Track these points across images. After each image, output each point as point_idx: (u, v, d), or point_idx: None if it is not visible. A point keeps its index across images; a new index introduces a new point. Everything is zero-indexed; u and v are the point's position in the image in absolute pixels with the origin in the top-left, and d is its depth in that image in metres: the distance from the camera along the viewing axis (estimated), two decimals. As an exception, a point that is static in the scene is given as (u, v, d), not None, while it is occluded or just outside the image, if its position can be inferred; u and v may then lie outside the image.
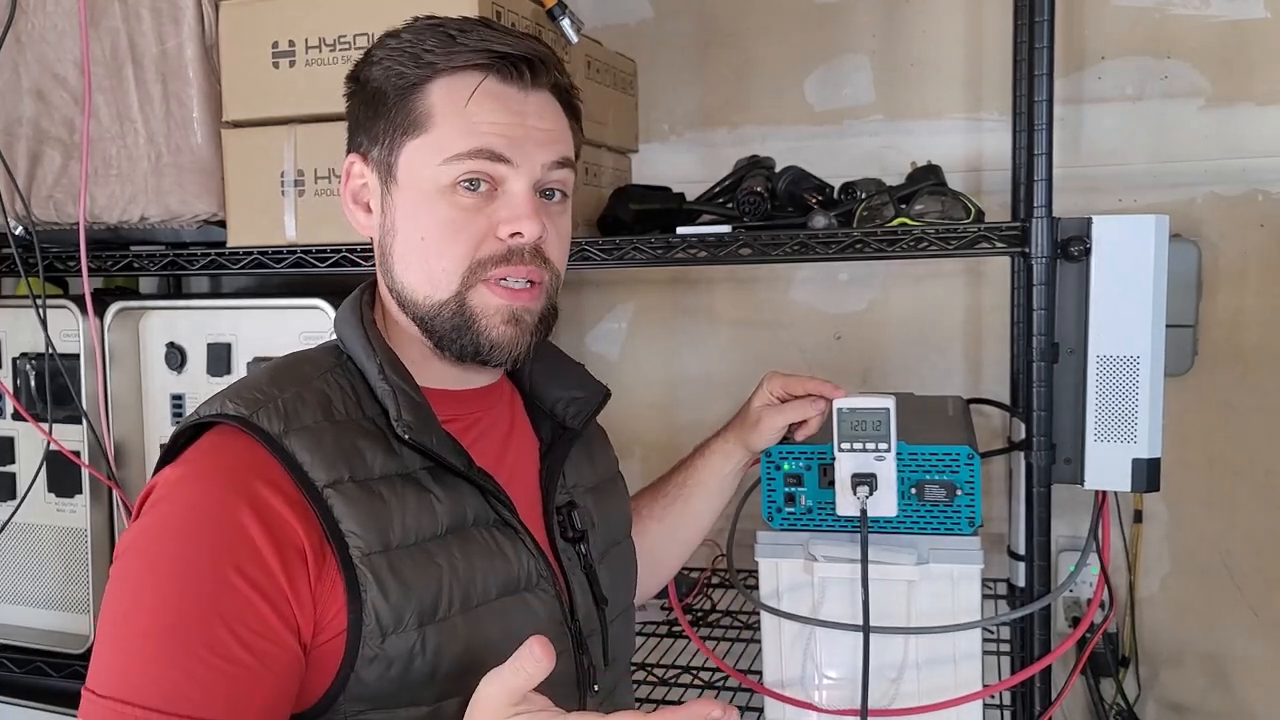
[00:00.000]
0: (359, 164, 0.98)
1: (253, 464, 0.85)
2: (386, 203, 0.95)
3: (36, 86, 1.47)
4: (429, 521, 0.90)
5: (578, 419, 1.07)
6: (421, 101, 0.92)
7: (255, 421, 0.86)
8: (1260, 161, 1.74)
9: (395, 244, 0.95)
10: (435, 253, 0.93)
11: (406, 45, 0.93)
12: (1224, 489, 1.79)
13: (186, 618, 0.80)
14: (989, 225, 1.27)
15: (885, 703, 1.21)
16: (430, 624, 0.87)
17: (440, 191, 0.92)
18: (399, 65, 0.93)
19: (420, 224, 0.93)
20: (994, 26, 1.82)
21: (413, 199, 0.93)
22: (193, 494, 0.85)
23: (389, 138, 0.94)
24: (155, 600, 0.81)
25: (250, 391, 0.90)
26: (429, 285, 0.93)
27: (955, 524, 1.21)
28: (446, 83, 0.92)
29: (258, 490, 0.83)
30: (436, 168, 0.92)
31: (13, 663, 1.57)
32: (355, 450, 0.88)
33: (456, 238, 0.92)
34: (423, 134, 0.92)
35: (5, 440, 1.61)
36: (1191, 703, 1.84)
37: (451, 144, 0.91)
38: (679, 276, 2.01)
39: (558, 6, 1.45)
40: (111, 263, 1.51)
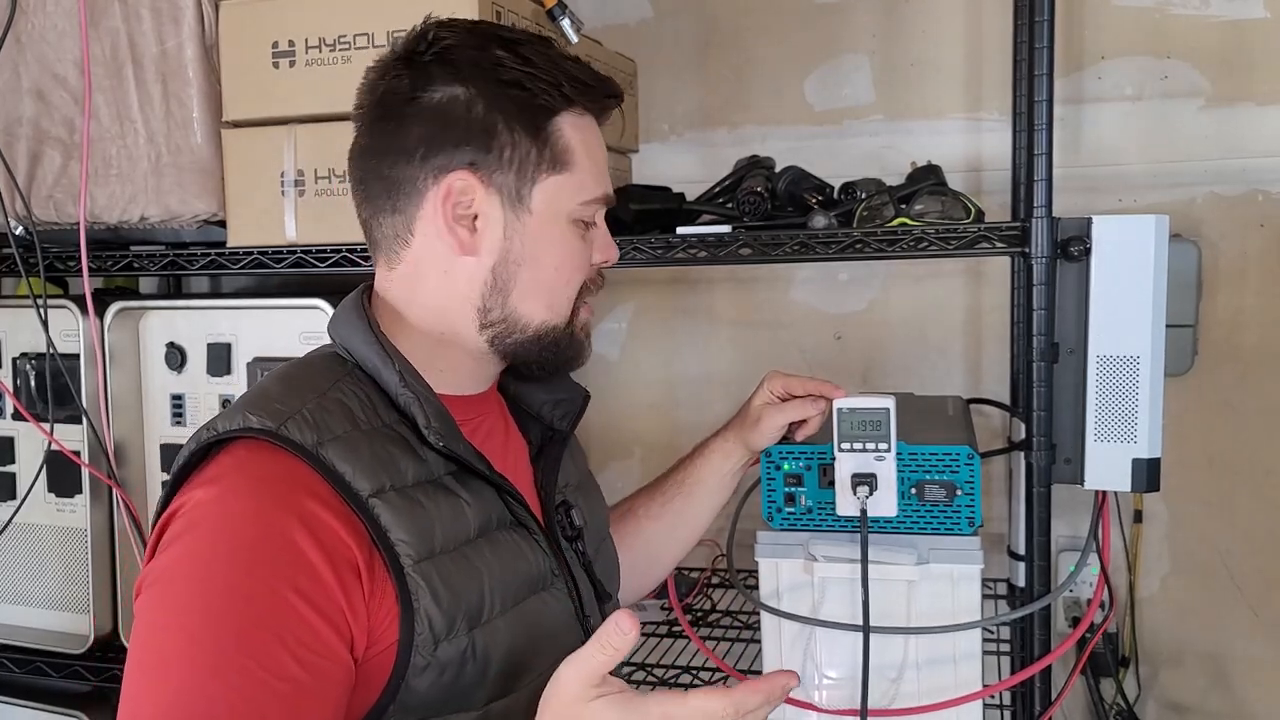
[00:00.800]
0: (469, 180, 0.93)
1: (293, 477, 0.82)
2: (513, 229, 0.94)
3: (36, 86, 1.47)
4: (463, 525, 0.90)
5: (565, 421, 1.09)
6: (558, 136, 0.94)
7: (285, 434, 0.84)
8: (1260, 161, 1.74)
9: (523, 272, 0.95)
10: (564, 282, 0.97)
11: (542, 71, 0.93)
12: (1224, 489, 1.79)
13: (244, 642, 0.76)
14: (989, 225, 1.27)
15: (885, 703, 1.21)
16: (478, 627, 0.87)
17: (573, 226, 0.97)
18: (540, 90, 0.92)
19: (554, 255, 0.96)
20: (994, 26, 1.81)
21: (549, 230, 0.95)
22: (234, 512, 0.81)
23: (519, 165, 0.93)
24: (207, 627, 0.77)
25: (268, 403, 0.86)
26: (550, 311, 0.97)
27: (955, 524, 1.21)
28: (575, 120, 0.96)
29: (305, 504, 0.81)
30: (576, 205, 0.96)
31: (13, 663, 1.57)
32: (390, 458, 0.87)
33: (580, 269, 0.98)
34: (565, 172, 0.95)
35: (5, 440, 1.61)
36: (1191, 703, 1.84)
37: (592, 188, 0.97)
38: (679, 276, 2.01)
39: (558, 6, 1.45)
40: (111, 263, 1.51)
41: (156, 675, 0.77)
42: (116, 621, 1.53)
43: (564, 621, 0.97)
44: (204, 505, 0.82)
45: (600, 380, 2.03)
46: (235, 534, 0.80)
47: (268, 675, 0.76)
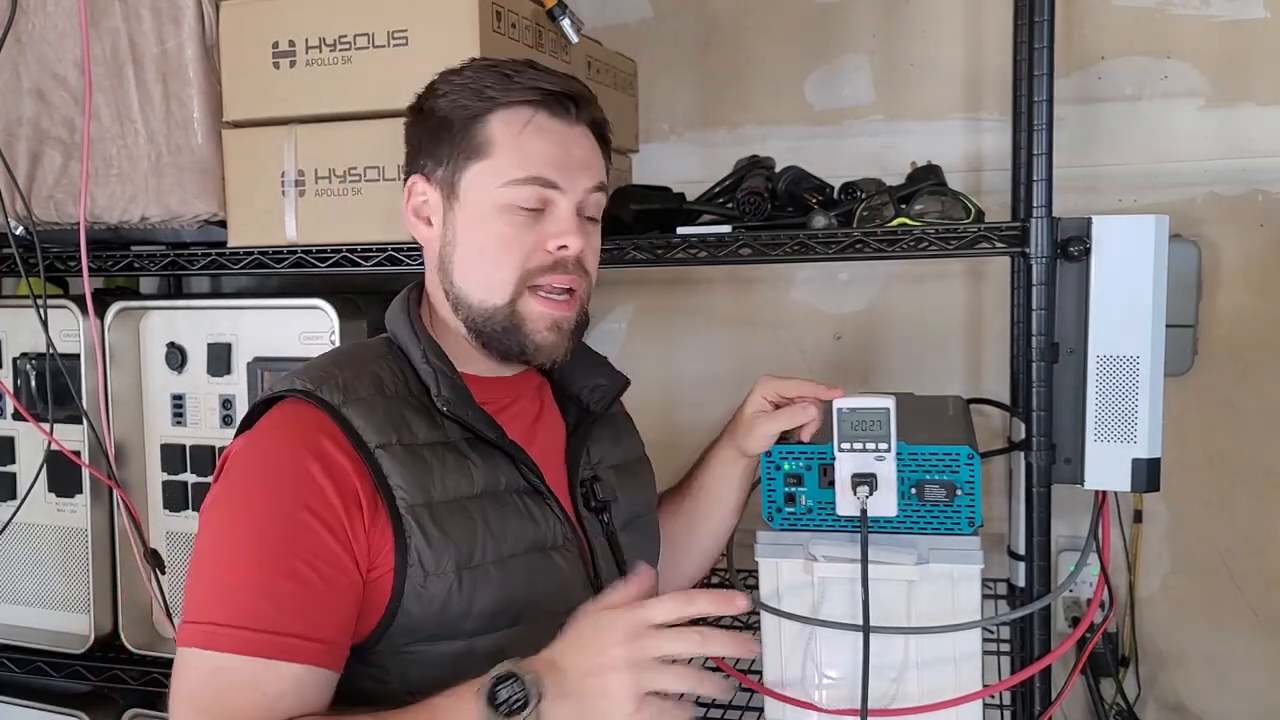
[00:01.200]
0: (421, 183, 1.11)
1: (317, 425, 1.00)
2: (448, 217, 1.09)
3: (37, 86, 1.48)
4: (466, 483, 1.03)
5: (601, 403, 1.20)
6: (482, 131, 1.06)
7: (319, 394, 1.01)
8: (1260, 161, 1.74)
9: (456, 254, 1.09)
10: (492, 262, 1.07)
11: (469, 81, 1.08)
12: (1224, 489, 1.79)
13: (266, 551, 0.95)
14: (989, 225, 1.27)
15: (885, 703, 1.21)
16: (466, 569, 1.00)
17: (498, 210, 1.06)
18: (463, 98, 1.07)
19: (480, 237, 1.07)
20: (994, 26, 1.82)
21: (473, 215, 1.07)
22: (266, 450, 1.01)
23: (452, 161, 1.07)
24: (238, 540, 0.97)
25: (315, 371, 1.05)
26: (485, 291, 1.08)
27: (955, 524, 1.21)
28: (504, 115, 1.06)
29: (321, 443, 0.98)
30: (496, 189, 1.06)
31: (13, 663, 1.57)
32: (402, 420, 1.03)
33: (511, 249, 1.07)
34: (484, 159, 1.06)
35: (5, 440, 1.61)
36: (1191, 703, 1.84)
37: (509, 170, 1.06)
38: (679, 276, 2.01)
39: (558, 6, 1.45)
40: (112, 263, 1.51)
41: (202, 580, 0.97)
42: (116, 621, 1.53)
43: (574, 580, 1.08)
44: (246, 447, 1.03)
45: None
46: (263, 467, 1.00)
47: (286, 579, 0.94)
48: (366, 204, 1.37)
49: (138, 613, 1.55)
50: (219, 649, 0.92)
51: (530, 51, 1.41)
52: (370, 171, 1.36)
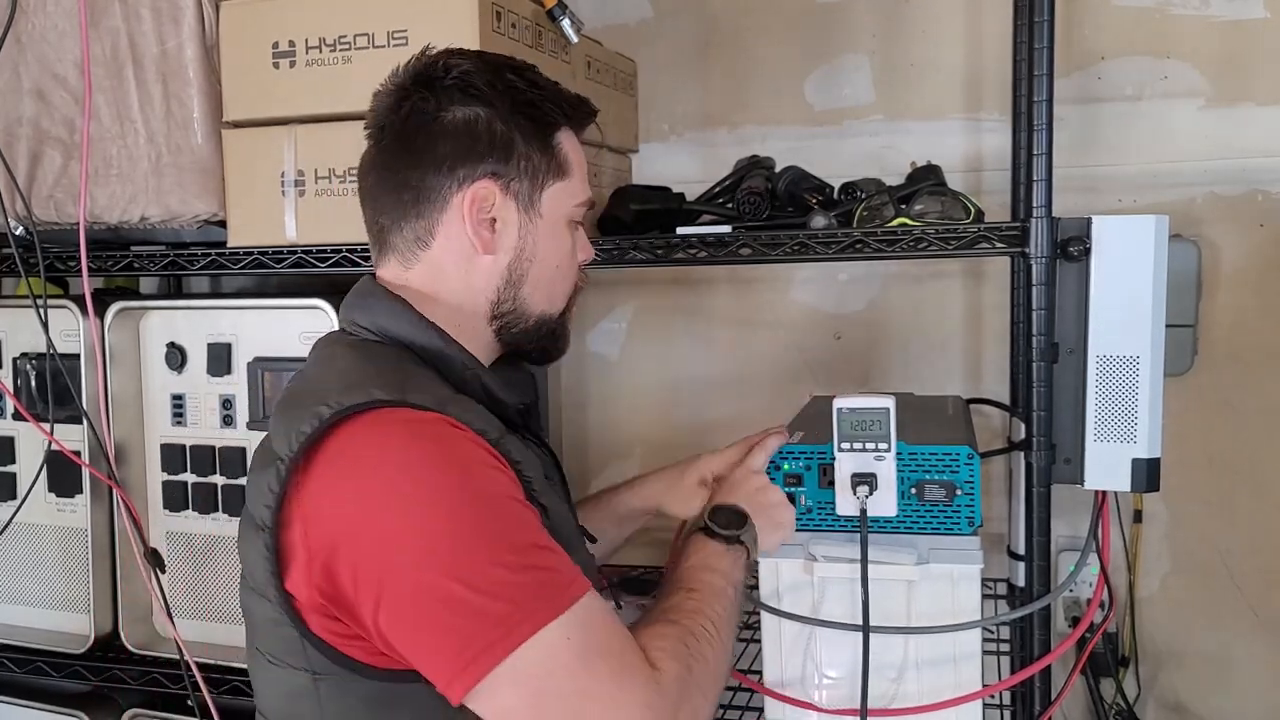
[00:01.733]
0: (490, 187, 1.05)
1: (436, 421, 0.93)
2: (526, 230, 1.08)
3: (37, 86, 1.47)
4: (538, 469, 1.03)
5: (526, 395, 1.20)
6: (559, 148, 1.09)
7: (412, 401, 0.93)
8: (1260, 161, 1.74)
9: (534, 267, 1.09)
10: (562, 277, 1.12)
11: (548, 93, 1.08)
12: (1224, 489, 1.79)
13: (486, 539, 0.89)
14: (989, 225, 1.27)
15: (885, 703, 1.21)
16: (571, 551, 0.97)
17: (569, 229, 1.11)
18: (547, 108, 1.07)
19: (556, 254, 1.10)
20: (994, 27, 1.81)
21: (552, 232, 1.09)
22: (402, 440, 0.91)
23: (531, 174, 1.06)
24: (451, 546, 0.88)
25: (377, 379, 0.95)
26: (548, 303, 1.11)
27: (955, 524, 1.21)
28: (567, 134, 1.10)
29: (450, 431, 0.93)
30: (572, 209, 1.11)
31: (13, 663, 1.57)
32: (486, 416, 0.99)
33: (573, 264, 1.13)
34: (565, 179, 1.09)
35: (6, 440, 1.61)
36: (1191, 703, 1.84)
37: (581, 192, 1.12)
38: (679, 276, 2.01)
39: (558, 7, 1.45)
40: (112, 263, 1.51)
41: (459, 597, 0.86)
42: (116, 621, 1.53)
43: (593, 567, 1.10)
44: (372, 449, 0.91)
45: (600, 380, 2.04)
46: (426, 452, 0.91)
47: (520, 544, 0.90)
48: (366, 204, 1.37)
49: (138, 613, 1.55)
50: (545, 623, 0.86)
51: (530, 52, 1.41)
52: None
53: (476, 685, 0.85)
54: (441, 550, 0.87)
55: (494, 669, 0.85)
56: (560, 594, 0.88)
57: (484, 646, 0.85)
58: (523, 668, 0.85)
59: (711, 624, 1.00)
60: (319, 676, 0.95)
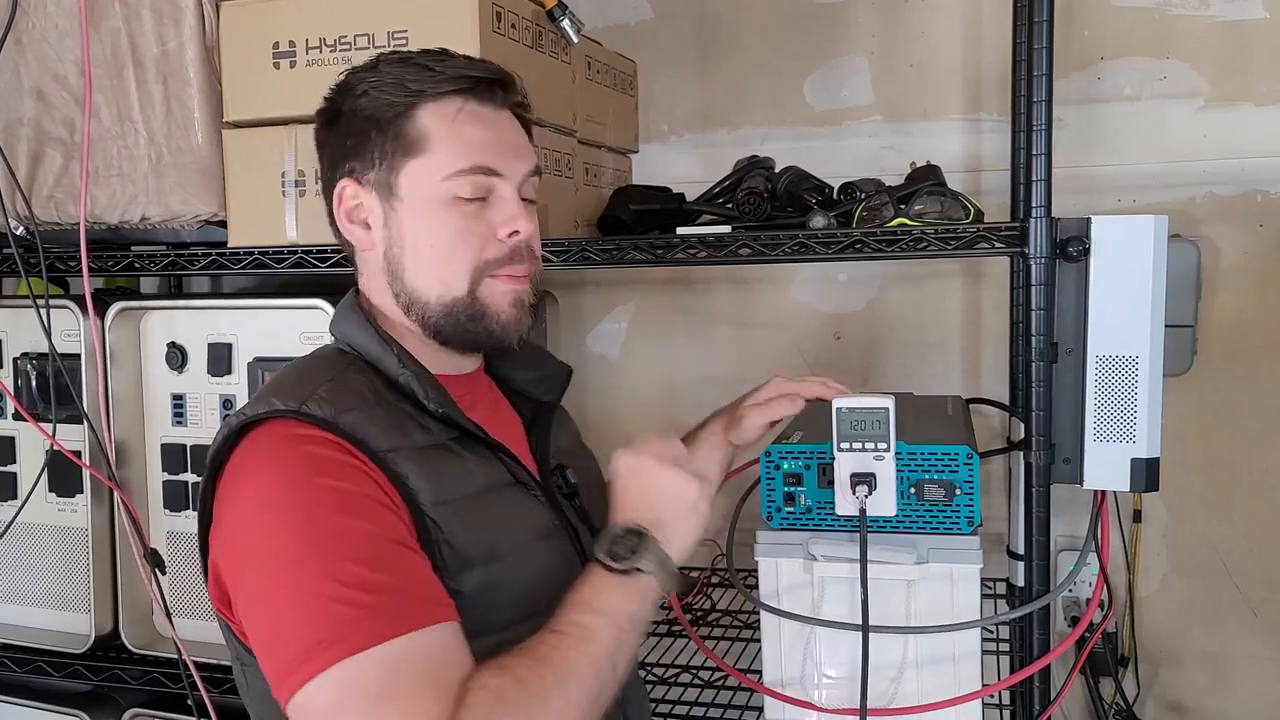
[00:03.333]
0: (352, 186, 1.05)
1: (317, 438, 0.94)
2: (390, 218, 1.05)
3: (37, 86, 1.48)
4: (469, 480, 1.01)
5: (550, 394, 1.20)
6: (412, 126, 1.03)
7: (307, 411, 0.95)
8: (1260, 161, 1.74)
9: (405, 254, 1.05)
10: (446, 257, 1.04)
11: (388, 77, 1.04)
12: (1223, 489, 1.79)
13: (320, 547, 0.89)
14: (988, 225, 1.27)
15: (885, 702, 1.22)
16: (494, 562, 0.99)
17: (443, 204, 1.03)
18: (385, 95, 1.03)
19: (429, 234, 1.04)
20: (993, 27, 1.82)
21: (418, 212, 1.04)
22: (267, 454, 0.94)
23: (386, 161, 1.03)
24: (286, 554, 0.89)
25: (288, 389, 0.98)
26: (441, 286, 1.04)
27: (954, 523, 1.21)
28: (432, 108, 1.03)
29: (327, 449, 0.94)
30: (439, 184, 1.03)
31: (13, 662, 1.58)
32: (397, 426, 0.99)
33: (465, 242, 1.04)
34: (421, 155, 1.03)
35: (6, 440, 1.61)
36: (1191, 702, 1.84)
37: (450, 163, 1.03)
38: (679, 277, 2.01)
39: (558, 7, 1.45)
40: (112, 263, 1.51)
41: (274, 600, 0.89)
42: (116, 621, 1.53)
43: (569, 566, 1.06)
44: (244, 466, 0.95)
45: (600, 380, 2.04)
46: (267, 473, 0.93)
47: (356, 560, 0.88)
48: (366, 204, 1.37)
49: (138, 613, 1.55)
50: (338, 659, 0.85)
51: (530, 52, 1.41)
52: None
53: (289, 700, 0.86)
54: (276, 568, 0.90)
55: (300, 689, 0.86)
56: (375, 629, 0.86)
57: (292, 667, 0.86)
58: (322, 692, 0.85)
59: (555, 673, 0.90)
60: (245, 665, 1.01)
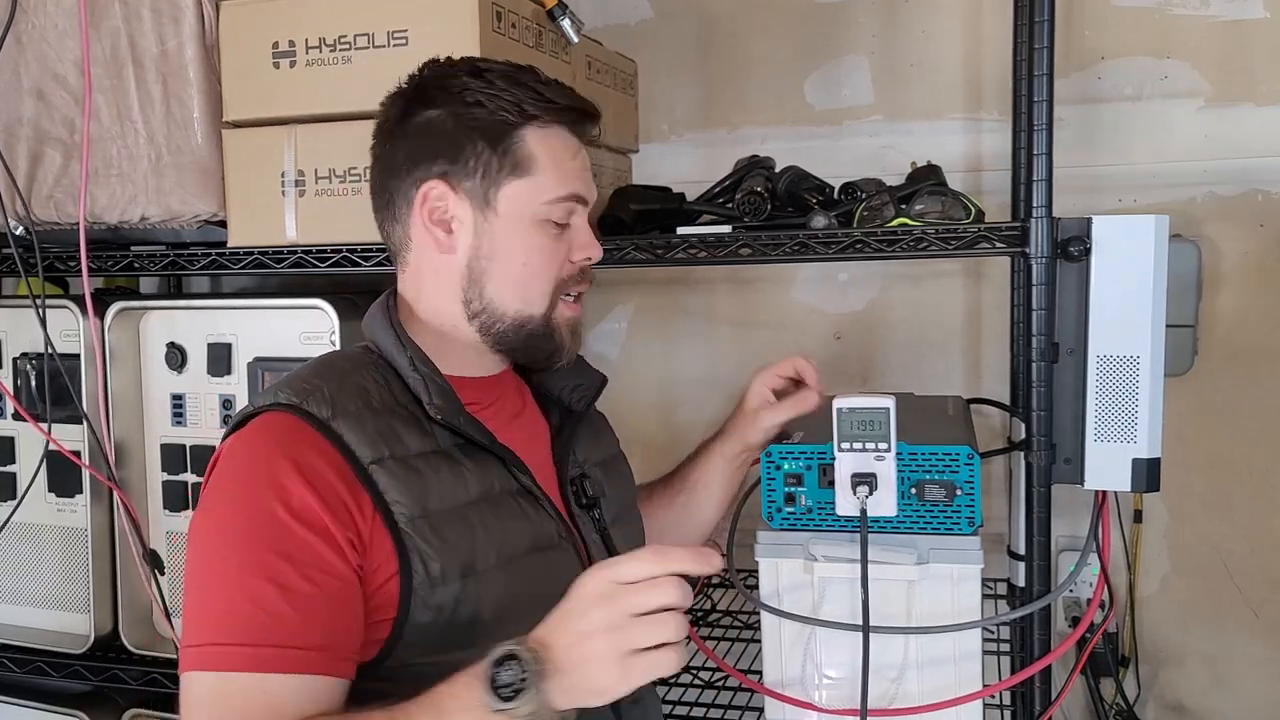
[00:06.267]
0: (442, 188, 1.08)
1: (303, 437, 0.98)
2: (481, 229, 1.08)
3: (37, 86, 1.47)
4: (462, 490, 1.03)
5: (582, 402, 1.21)
6: (521, 146, 1.08)
7: (306, 407, 0.99)
8: (1260, 161, 1.74)
9: (493, 265, 1.09)
10: (532, 276, 1.09)
11: (503, 93, 1.07)
12: (1223, 489, 1.79)
13: (249, 558, 0.93)
14: (989, 225, 1.27)
15: (885, 703, 1.21)
16: (470, 576, 1.00)
17: (536, 225, 1.09)
18: (500, 110, 1.07)
19: (521, 252, 1.09)
20: (994, 27, 1.82)
21: (512, 230, 1.08)
22: (241, 461, 1.00)
23: (487, 173, 1.07)
24: (218, 554, 0.95)
25: (298, 383, 1.03)
26: (523, 302, 1.10)
27: (955, 524, 1.21)
28: (539, 131, 1.08)
29: (305, 453, 0.97)
30: (540, 206, 1.08)
31: (13, 663, 1.57)
32: (393, 432, 1.02)
33: (550, 263, 1.10)
34: (527, 176, 1.08)
35: (5, 440, 1.61)
36: (1191, 703, 1.84)
37: (553, 189, 1.09)
38: (679, 277, 2.01)
39: (558, 6, 1.45)
40: (112, 263, 1.51)
41: (195, 600, 0.96)
42: (116, 621, 1.53)
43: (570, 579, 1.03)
44: (222, 460, 1.02)
45: (599, 375, 2.03)
46: (234, 477, 0.99)
47: (274, 586, 0.92)
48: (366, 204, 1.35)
49: (138, 613, 1.55)
50: (217, 668, 0.92)
51: (530, 52, 1.41)
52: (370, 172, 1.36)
53: (181, 673, 0.94)
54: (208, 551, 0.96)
55: (187, 673, 0.93)
56: (261, 656, 0.92)
57: (189, 650, 0.93)
58: (195, 684, 0.93)
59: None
60: None
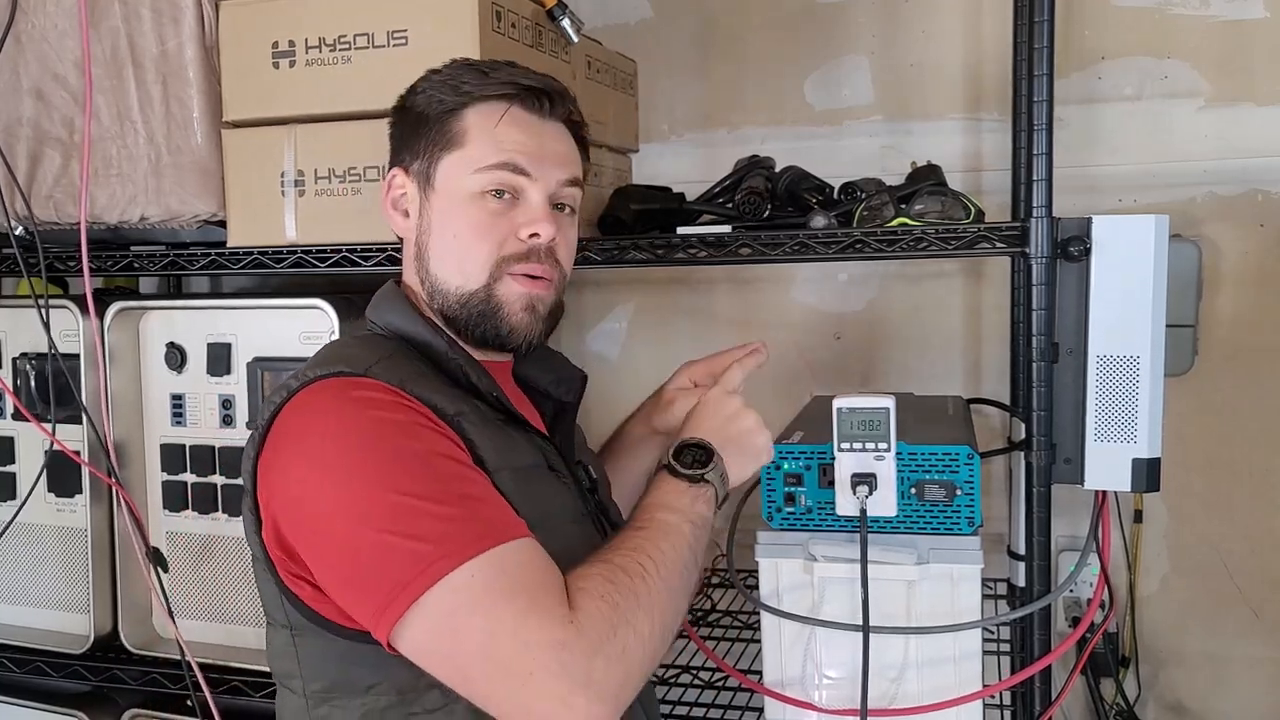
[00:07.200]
0: (400, 175, 1.13)
1: (390, 390, 0.98)
2: (424, 207, 1.11)
3: (37, 86, 1.47)
4: (519, 454, 1.06)
5: (571, 394, 1.23)
6: (458, 123, 1.09)
7: (374, 375, 0.99)
8: (1260, 161, 1.74)
9: (431, 241, 1.10)
10: (466, 247, 1.09)
11: (447, 78, 1.11)
12: (1223, 489, 1.79)
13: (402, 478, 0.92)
14: (989, 225, 1.27)
15: (885, 703, 1.21)
16: (540, 533, 0.98)
17: (471, 198, 1.08)
18: (439, 93, 1.10)
19: (453, 224, 1.09)
20: (994, 27, 1.82)
21: (447, 203, 1.09)
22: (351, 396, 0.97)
23: (428, 153, 1.10)
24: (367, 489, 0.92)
25: (347, 359, 1.01)
26: (460, 277, 1.09)
27: (955, 524, 1.21)
28: (479, 109, 1.09)
29: (397, 397, 0.97)
30: (468, 176, 1.08)
31: (13, 663, 1.57)
32: (457, 397, 1.03)
33: (485, 236, 1.08)
34: (458, 149, 1.09)
35: (5, 440, 1.61)
36: (1191, 703, 1.84)
37: (482, 158, 1.08)
38: (679, 276, 2.01)
39: (558, 6, 1.45)
40: (112, 263, 1.51)
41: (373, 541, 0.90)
42: (116, 621, 1.53)
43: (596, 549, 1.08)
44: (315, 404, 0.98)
45: (600, 380, 2.03)
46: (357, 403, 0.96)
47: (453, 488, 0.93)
48: (366, 204, 1.37)
49: (138, 613, 1.55)
50: (461, 562, 0.88)
51: (530, 52, 1.41)
52: (370, 171, 1.36)
53: (395, 626, 0.88)
54: (354, 501, 0.91)
55: (409, 609, 0.88)
56: (477, 538, 0.90)
57: (398, 588, 0.88)
58: (433, 605, 0.88)
59: (651, 560, 0.97)
60: (296, 633, 1.01)
